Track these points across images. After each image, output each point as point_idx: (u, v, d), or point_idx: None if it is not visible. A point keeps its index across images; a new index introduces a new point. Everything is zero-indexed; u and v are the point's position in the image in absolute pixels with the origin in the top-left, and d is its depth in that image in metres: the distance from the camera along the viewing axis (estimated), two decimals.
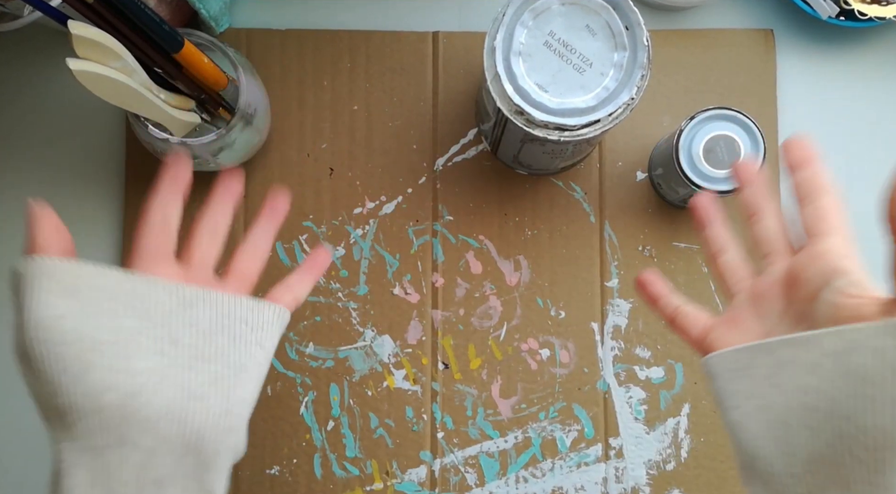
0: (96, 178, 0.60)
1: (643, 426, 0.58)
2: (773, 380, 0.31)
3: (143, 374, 0.33)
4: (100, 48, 0.43)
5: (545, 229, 0.59)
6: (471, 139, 0.60)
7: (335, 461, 0.58)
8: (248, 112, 0.52)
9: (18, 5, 0.51)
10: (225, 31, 0.60)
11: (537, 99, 0.46)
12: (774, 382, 0.31)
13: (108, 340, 0.32)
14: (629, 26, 0.46)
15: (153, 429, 0.32)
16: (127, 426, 0.32)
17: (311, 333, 0.58)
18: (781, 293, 0.34)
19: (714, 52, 0.60)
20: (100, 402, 0.31)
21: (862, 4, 0.58)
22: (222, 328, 0.35)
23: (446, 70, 0.60)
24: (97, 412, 0.32)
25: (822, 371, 0.30)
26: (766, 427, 0.31)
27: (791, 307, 0.33)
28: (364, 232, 0.59)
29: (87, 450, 0.32)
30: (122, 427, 0.32)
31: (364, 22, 0.61)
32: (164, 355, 0.33)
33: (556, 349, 0.59)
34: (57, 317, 0.32)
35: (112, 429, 0.32)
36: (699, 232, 0.40)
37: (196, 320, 0.35)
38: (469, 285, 0.59)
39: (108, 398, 0.32)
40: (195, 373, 0.34)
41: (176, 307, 0.34)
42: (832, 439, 0.29)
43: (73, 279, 0.33)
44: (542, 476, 0.58)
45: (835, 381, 0.29)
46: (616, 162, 0.60)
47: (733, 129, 0.53)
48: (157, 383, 0.33)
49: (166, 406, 0.33)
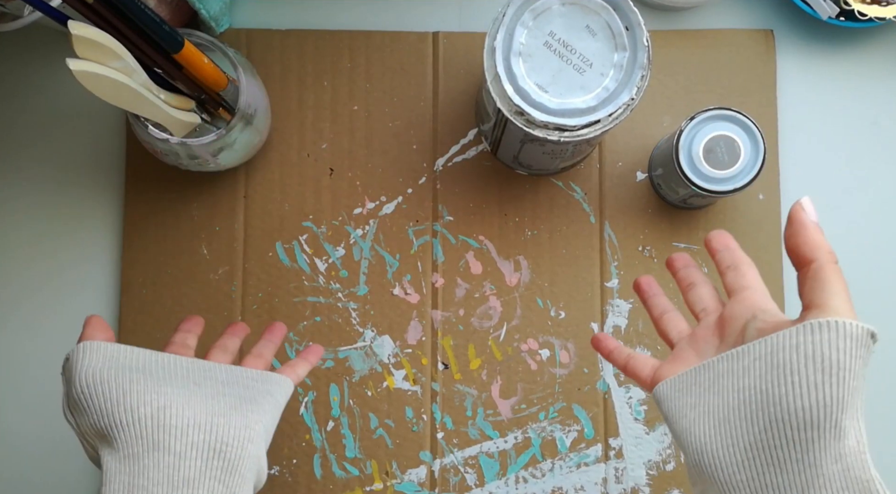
0: (96, 178, 0.60)
1: (643, 427, 0.58)
2: (713, 389, 0.37)
3: (172, 395, 0.39)
4: (100, 48, 0.43)
5: (545, 230, 0.59)
6: (471, 139, 0.60)
7: (335, 461, 0.58)
8: (248, 112, 0.52)
9: (18, 5, 0.51)
10: (225, 31, 0.60)
11: (537, 99, 0.46)
12: (714, 390, 0.37)
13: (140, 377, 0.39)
14: (629, 27, 0.46)
15: (183, 436, 0.38)
16: (160, 432, 0.38)
17: (311, 333, 0.58)
18: (716, 333, 0.40)
19: (714, 52, 0.60)
20: (137, 414, 0.38)
21: (862, 4, 0.58)
22: (236, 381, 0.43)
23: (446, 70, 0.60)
24: (134, 423, 0.38)
25: (753, 372, 0.36)
26: (710, 427, 0.36)
27: (724, 343, 0.40)
28: (364, 232, 0.59)
29: (126, 457, 0.37)
30: (156, 434, 0.38)
31: (364, 22, 0.61)
32: (189, 389, 0.41)
33: (556, 349, 0.59)
34: (99, 368, 0.39)
35: (147, 436, 0.38)
36: (643, 301, 0.46)
37: (214, 375, 0.43)
38: (469, 286, 0.59)
39: (143, 410, 0.38)
40: (216, 401, 0.41)
41: (196, 369, 0.43)
42: (766, 424, 0.34)
43: (111, 352, 0.41)
44: (541, 477, 0.58)
45: (764, 376, 0.35)
46: (616, 162, 0.60)
47: (733, 129, 0.53)
48: (185, 402, 0.39)
49: (194, 418, 0.39)
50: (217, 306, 0.59)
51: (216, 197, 0.60)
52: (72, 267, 0.60)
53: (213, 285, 0.59)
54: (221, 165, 0.55)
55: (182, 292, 0.59)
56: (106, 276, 0.60)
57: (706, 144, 0.53)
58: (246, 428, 0.40)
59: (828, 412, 0.33)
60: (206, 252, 0.59)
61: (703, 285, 0.44)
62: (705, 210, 0.59)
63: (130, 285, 0.59)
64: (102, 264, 0.60)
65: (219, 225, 0.59)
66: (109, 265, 0.60)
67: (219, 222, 0.59)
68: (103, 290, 0.59)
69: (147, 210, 0.59)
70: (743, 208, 0.59)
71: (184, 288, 0.59)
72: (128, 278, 0.59)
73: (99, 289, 0.59)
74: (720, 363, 0.38)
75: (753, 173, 0.53)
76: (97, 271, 0.60)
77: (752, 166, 0.53)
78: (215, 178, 0.59)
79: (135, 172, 0.60)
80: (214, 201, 0.59)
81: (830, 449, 0.33)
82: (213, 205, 0.59)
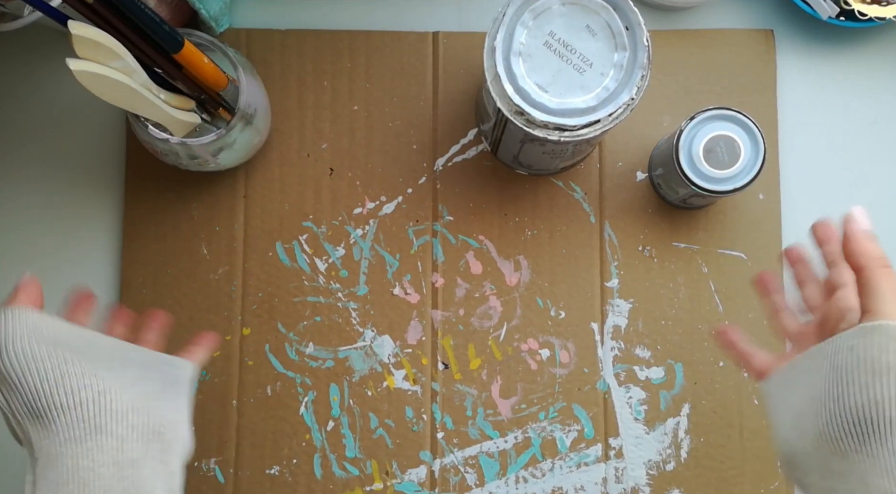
0: (96, 178, 0.60)
1: (643, 427, 0.58)
2: (795, 385, 0.42)
3: (109, 380, 0.40)
4: (100, 48, 0.43)
5: (545, 229, 0.59)
6: (471, 139, 0.60)
7: (335, 461, 0.58)
8: (248, 112, 0.52)
9: (18, 5, 0.51)
10: (225, 31, 0.60)
11: (537, 99, 0.46)
12: (795, 386, 0.42)
13: (74, 358, 0.39)
14: (629, 26, 0.46)
15: (124, 419, 0.39)
16: (102, 416, 0.39)
17: (310, 333, 0.58)
18: (816, 332, 0.43)
19: (714, 52, 0.60)
20: (78, 397, 0.38)
21: (862, 4, 0.58)
22: (153, 365, 0.44)
23: (446, 70, 0.60)
24: (76, 406, 0.38)
25: (821, 371, 0.40)
26: (790, 422, 0.41)
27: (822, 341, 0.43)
28: (364, 232, 0.59)
29: (68, 441, 0.38)
30: (98, 418, 0.39)
31: (364, 22, 0.61)
32: (119, 373, 0.41)
33: (556, 349, 0.59)
34: (27, 341, 0.39)
35: (89, 420, 0.38)
36: (761, 296, 0.49)
37: (133, 357, 0.44)
38: (469, 286, 0.59)
39: (84, 394, 0.39)
40: (145, 385, 0.42)
41: (118, 349, 0.44)
42: (829, 418, 0.38)
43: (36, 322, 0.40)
44: (541, 477, 0.58)
45: (827, 375, 0.39)
46: (616, 162, 0.60)
47: (733, 129, 0.53)
48: (121, 387, 0.40)
49: (132, 402, 0.40)
50: (217, 306, 0.59)
51: (216, 197, 0.60)
52: (72, 267, 0.60)
53: (213, 285, 0.59)
54: (221, 165, 0.55)
55: (182, 292, 0.59)
56: (106, 276, 0.60)
57: (706, 144, 0.53)
58: (177, 411, 0.43)
59: (880, 410, 0.36)
60: (206, 252, 0.59)
61: (811, 283, 0.46)
62: (705, 210, 0.59)
63: (130, 285, 0.59)
64: (102, 264, 0.60)
65: (219, 225, 0.59)
66: (109, 265, 0.60)
67: (219, 222, 0.59)
68: (103, 290, 0.59)
69: (147, 210, 0.59)
70: (743, 208, 0.59)
71: (184, 288, 0.59)
72: (128, 278, 0.59)
73: (99, 289, 0.59)
74: (802, 361, 0.42)
75: (753, 173, 0.53)
76: (97, 271, 0.60)
77: (752, 166, 0.53)
78: (215, 178, 0.59)
79: (135, 172, 0.60)
80: (214, 201, 0.59)
81: (887, 443, 0.36)
82: (213, 205, 0.59)
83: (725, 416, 0.58)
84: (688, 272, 0.59)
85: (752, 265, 0.59)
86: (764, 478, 0.57)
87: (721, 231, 0.59)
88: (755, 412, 0.58)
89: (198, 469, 0.57)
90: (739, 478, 0.57)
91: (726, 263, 0.59)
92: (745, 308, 0.59)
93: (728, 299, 0.59)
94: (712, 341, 0.58)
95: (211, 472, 0.57)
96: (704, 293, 0.59)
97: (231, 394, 0.58)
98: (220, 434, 0.58)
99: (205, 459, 0.57)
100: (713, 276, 0.59)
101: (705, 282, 0.59)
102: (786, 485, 0.57)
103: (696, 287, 0.59)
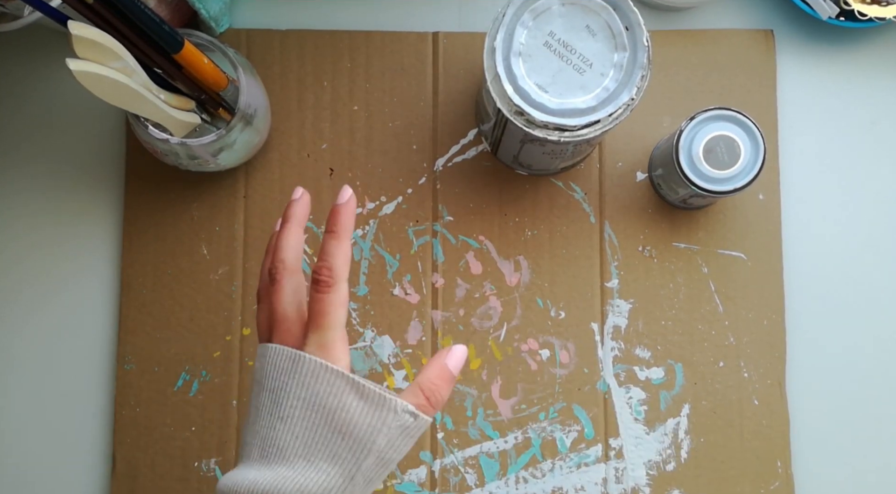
0: (96, 178, 0.60)
1: (643, 427, 0.58)
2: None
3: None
4: (100, 48, 0.43)
5: (545, 230, 0.59)
6: (471, 139, 0.60)
7: None
8: (248, 112, 0.52)
9: (18, 5, 0.51)
10: (225, 31, 0.60)
11: (537, 99, 0.46)
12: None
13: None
14: (629, 27, 0.46)
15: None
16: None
17: None
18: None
19: (714, 52, 0.60)
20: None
21: (862, 5, 0.58)
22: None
23: (446, 70, 0.60)
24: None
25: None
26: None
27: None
28: (364, 232, 0.59)
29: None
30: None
31: (364, 22, 0.61)
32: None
33: (556, 349, 0.59)
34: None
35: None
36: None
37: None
38: (469, 286, 0.59)
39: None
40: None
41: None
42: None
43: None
44: (541, 477, 0.58)
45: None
46: (616, 162, 0.60)
47: (733, 129, 0.53)
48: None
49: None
50: (217, 307, 0.59)
51: (216, 197, 0.60)
52: (72, 267, 0.60)
53: (213, 285, 0.59)
54: (221, 166, 0.55)
55: (182, 292, 0.59)
56: (106, 276, 0.60)
57: (706, 144, 0.53)
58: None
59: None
60: (206, 252, 0.59)
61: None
62: (705, 210, 0.59)
63: (130, 285, 0.59)
64: (102, 263, 0.60)
65: (219, 225, 0.59)
66: (109, 265, 0.60)
67: (219, 222, 0.59)
68: (103, 290, 0.59)
69: (147, 210, 0.59)
70: (743, 208, 0.59)
71: (184, 288, 0.59)
72: (128, 278, 0.59)
73: (99, 289, 0.59)
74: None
75: (753, 173, 0.53)
76: (97, 271, 0.60)
77: (752, 166, 0.53)
78: (215, 178, 0.59)
79: (135, 172, 0.60)
80: (214, 201, 0.59)
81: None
82: (213, 205, 0.59)
83: (725, 416, 0.58)
84: (688, 272, 0.59)
85: (752, 265, 0.59)
86: (764, 478, 0.57)
87: (721, 231, 0.59)
88: (755, 412, 0.58)
89: (198, 469, 0.57)
90: (739, 478, 0.57)
91: (726, 263, 0.59)
92: (745, 308, 0.59)
93: (728, 299, 0.59)
94: (712, 341, 0.58)
95: (211, 472, 0.57)
96: (704, 293, 0.59)
97: (231, 394, 0.58)
98: (220, 434, 0.58)
99: (205, 459, 0.57)
100: (713, 276, 0.59)
101: (705, 282, 0.59)
102: (786, 485, 0.58)
103: (696, 287, 0.59)
